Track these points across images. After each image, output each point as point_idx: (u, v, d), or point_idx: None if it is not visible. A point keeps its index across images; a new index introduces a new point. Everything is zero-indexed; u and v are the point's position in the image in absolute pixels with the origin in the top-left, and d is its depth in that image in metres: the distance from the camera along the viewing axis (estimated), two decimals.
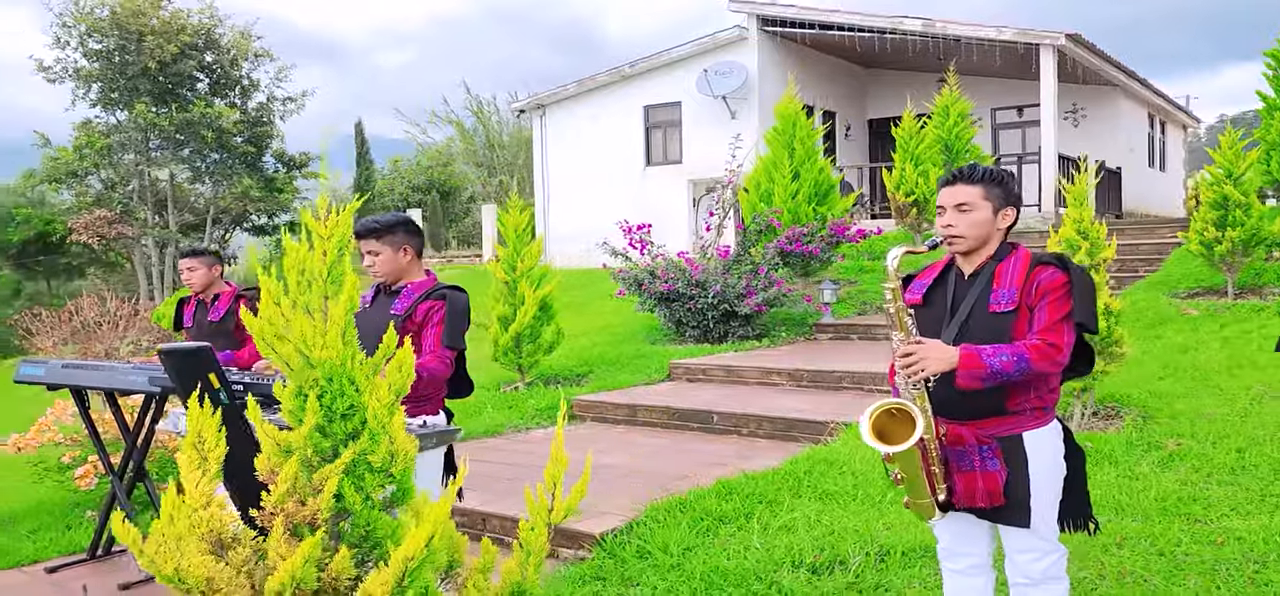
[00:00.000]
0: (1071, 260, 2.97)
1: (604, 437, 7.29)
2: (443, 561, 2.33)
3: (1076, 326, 2.86)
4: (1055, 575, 2.95)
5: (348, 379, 2.31)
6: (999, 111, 21.20)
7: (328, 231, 2.37)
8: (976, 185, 2.93)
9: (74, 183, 22.56)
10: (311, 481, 2.28)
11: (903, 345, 2.86)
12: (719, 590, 4.01)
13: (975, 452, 2.89)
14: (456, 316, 3.71)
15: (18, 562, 5.12)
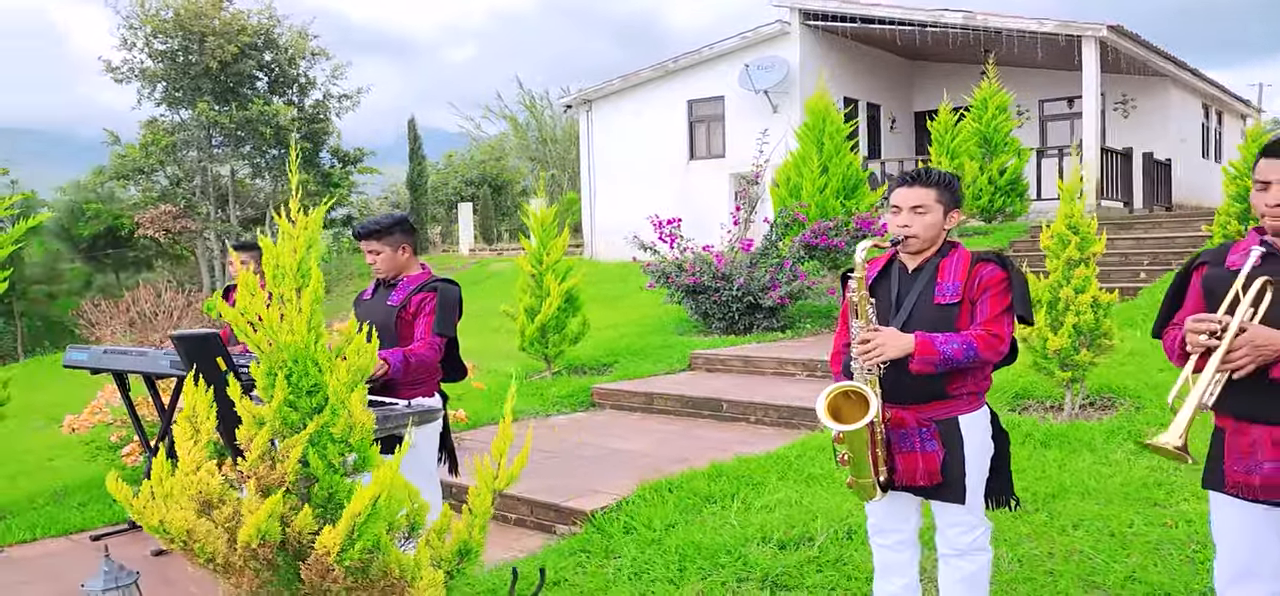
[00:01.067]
0: (1008, 257, 3.21)
1: (619, 424, 7.61)
2: (393, 518, 2.65)
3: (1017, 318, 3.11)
4: (981, 546, 3.20)
5: (312, 361, 2.65)
6: (1046, 103, 21.04)
7: (297, 232, 2.72)
8: (931, 189, 3.19)
9: (141, 179, 23.52)
10: (280, 449, 2.63)
11: (862, 332, 3.11)
12: (690, 561, 4.30)
13: (915, 434, 3.14)
14: (446, 307, 4.05)
15: (66, 531, 5.60)
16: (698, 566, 4.26)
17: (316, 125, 23.27)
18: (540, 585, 3.42)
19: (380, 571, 2.64)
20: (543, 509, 5.34)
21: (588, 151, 21.71)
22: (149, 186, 23.66)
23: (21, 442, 10.38)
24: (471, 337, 13.66)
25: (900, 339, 3.01)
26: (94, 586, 3.41)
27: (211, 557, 2.56)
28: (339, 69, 23.98)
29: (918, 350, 2.98)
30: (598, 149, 21.52)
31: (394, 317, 4.01)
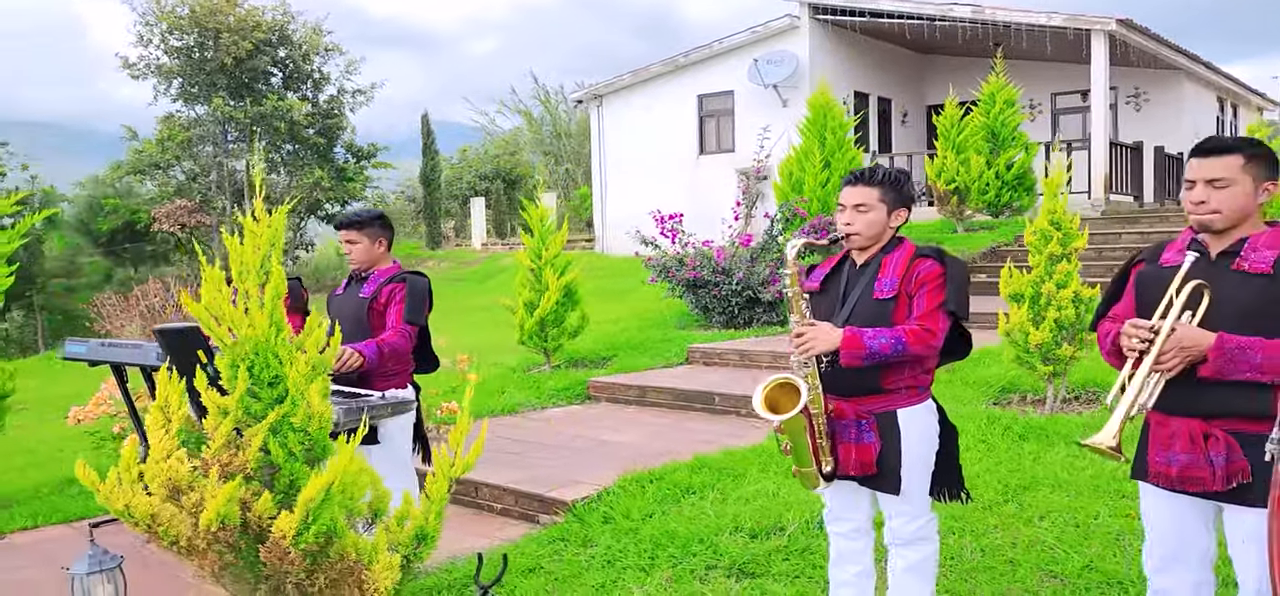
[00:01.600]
0: (948, 253, 3.30)
1: (612, 417, 7.72)
2: (350, 504, 2.77)
3: (952, 314, 3.19)
4: (925, 537, 3.29)
5: (273, 353, 2.78)
6: (1059, 96, 20.97)
7: (260, 230, 2.84)
8: (874, 188, 3.28)
9: (157, 174, 23.85)
10: (243, 437, 2.76)
11: (797, 326, 3.22)
12: (663, 550, 4.41)
13: (853, 426, 3.24)
14: (415, 297, 4.19)
15: (67, 519, 5.77)
16: (669, 554, 4.37)
17: (330, 120, 23.50)
18: (502, 571, 3.54)
19: (337, 554, 2.77)
20: (527, 498, 5.46)
21: (599, 146, 21.81)
22: (165, 181, 23.98)
23: (36, 434, 10.58)
24: (480, 331, 13.84)
25: (830, 333, 3.11)
26: (79, 569, 3.56)
27: (176, 540, 2.69)
28: (353, 65, 24.25)
29: (844, 344, 3.07)
30: (609, 144, 21.61)
31: (366, 309, 4.15)
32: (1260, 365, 2.42)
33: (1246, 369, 2.43)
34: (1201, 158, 2.66)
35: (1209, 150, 2.66)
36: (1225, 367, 2.45)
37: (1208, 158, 2.64)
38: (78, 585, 3.54)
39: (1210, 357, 2.47)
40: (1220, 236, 2.64)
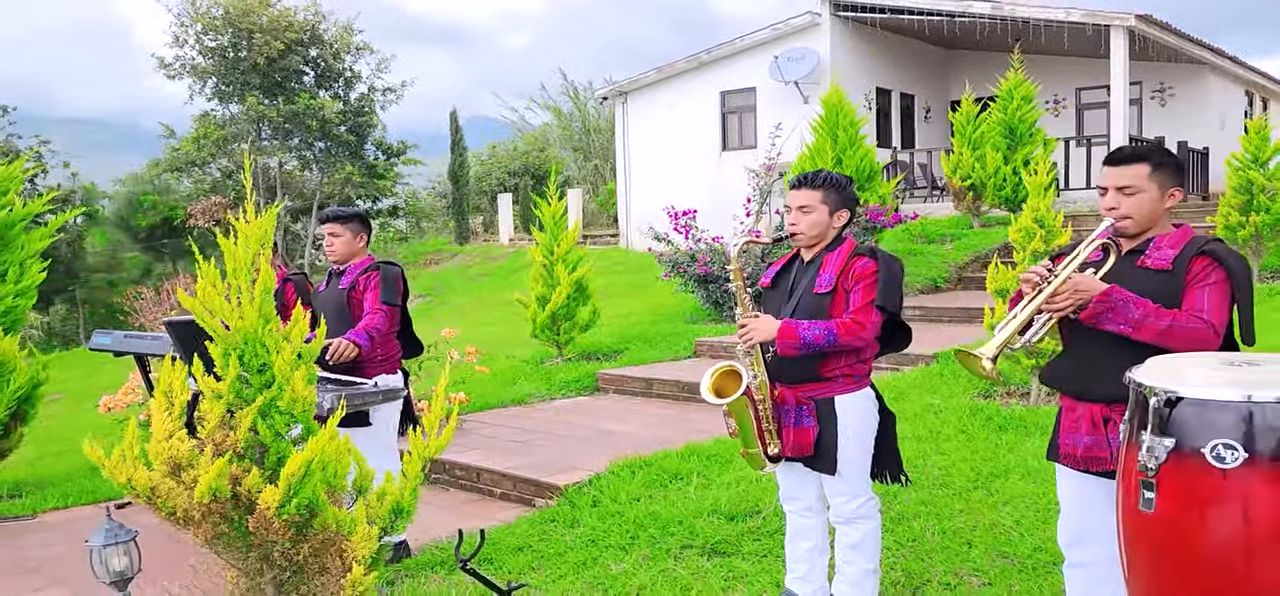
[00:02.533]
0: (884, 252, 3.53)
1: (618, 407, 7.98)
2: (331, 480, 3.05)
3: (882, 309, 3.42)
4: (865, 515, 3.53)
5: (261, 343, 3.06)
6: (1083, 91, 20.92)
7: (250, 231, 3.13)
8: (816, 190, 3.53)
9: (194, 171, 24.46)
10: (234, 418, 3.04)
11: (740, 317, 3.49)
12: (644, 530, 4.67)
13: (794, 410, 3.49)
14: (389, 281, 4.54)
15: (95, 500, 6.13)
16: (649, 534, 4.62)
17: (361, 118, 23.96)
18: (479, 546, 3.81)
19: (320, 526, 3.05)
20: (524, 483, 5.74)
21: (623, 143, 22.07)
22: (201, 178, 24.60)
23: (72, 423, 11.04)
24: (500, 325, 14.15)
25: (769, 324, 3.37)
26: (96, 541, 3.87)
27: (173, 511, 2.99)
28: (383, 63, 24.69)
29: (780, 334, 3.33)
30: (633, 140, 21.86)
31: (346, 298, 4.50)
32: (1137, 320, 2.61)
33: (1123, 321, 2.62)
34: (1111, 166, 2.87)
35: (1118, 159, 2.87)
36: (1104, 314, 2.65)
37: (1117, 166, 2.85)
38: (96, 556, 3.85)
39: (1093, 302, 2.67)
40: (1132, 237, 2.85)
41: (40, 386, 6.60)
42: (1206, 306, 2.60)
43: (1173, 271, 2.70)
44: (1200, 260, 2.68)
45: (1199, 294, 2.63)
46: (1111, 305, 2.64)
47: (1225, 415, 1.85)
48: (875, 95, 20.08)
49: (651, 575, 4.16)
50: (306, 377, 3.11)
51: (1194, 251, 2.70)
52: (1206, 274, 2.65)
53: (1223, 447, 1.83)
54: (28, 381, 6.49)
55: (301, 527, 3.01)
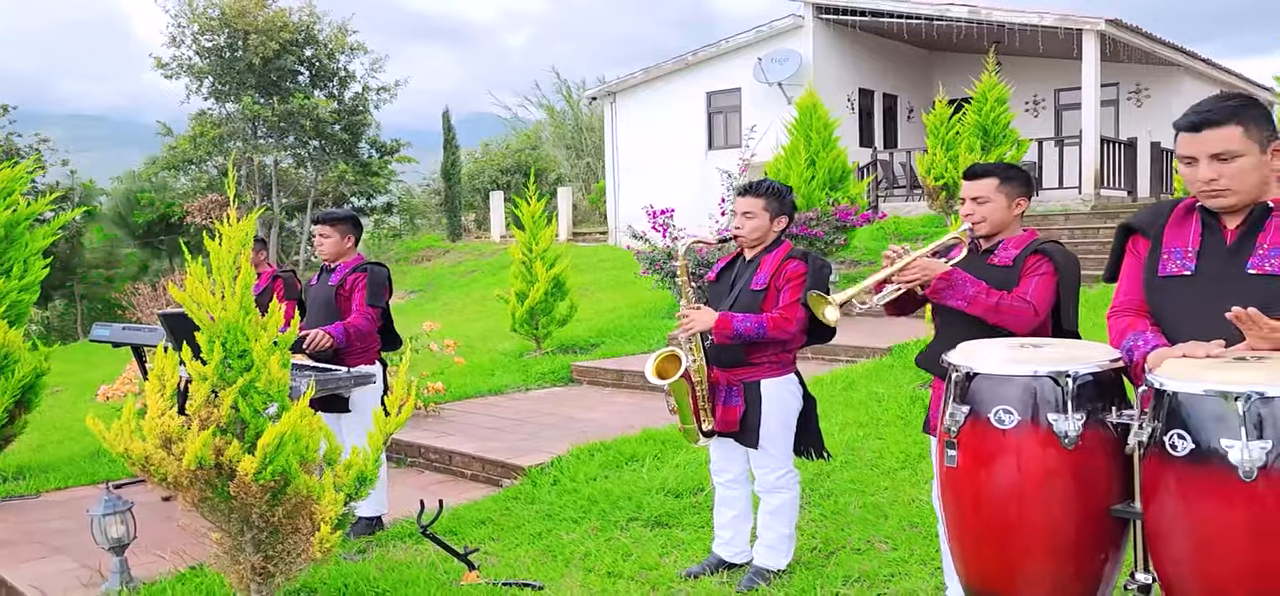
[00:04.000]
0: (814, 255, 3.99)
1: (589, 397, 8.43)
2: (302, 451, 3.49)
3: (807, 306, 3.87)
4: (785, 486, 3.98)
5: (242, 331, 3.51)
6: (1062, 92, 21.35)
7: (232, 234, 3.57)
8: (758, 198, 4.01)
9: (190, 169, 24.87)
10: (217, 397, 3.49)
11: (683, 308, 3.96)
12: (596, 505, 5.12)
13: (725, 390, 3.96)
14: (375, 284, 4.95)
15: (94, 481, 6.57)
16: (600, 509, 5.07)
17: (356, 117, 24.36)
18: (438, 514, 4.26)
19: (293, 492, 3.50)
20: (492, 465, 6.18)
21: (612, 142, 22.50)
22: (198, 176, 25.00)
23: (71, 412, 11.48)
24: (484, 320, 14.60)
25: (707, 315, 3.83)
26: (96, 511, 4.32)
27: (165, 477, 3.43)
28: (377, 63, 25.09)
29: (716, 325, 3.79)
30: (622, 139, 22.29)
31: (334, 295, 4.92)
32: (971, 297, 3.11)
33: (960, 297, 3.11)
34: (967, 180, 3.34)
35: (972, 174, 3.35)
36: (944, 290, 3.14)
37: (971, 180, 3.33)
38: (96, 524, 4.30)
39: (935, 280, 3.15)
40: (987, 237, 3.31)
41: (43, 376, 7.01)
42: (1031, 292, 3.08)
43: (1012, 266, 3.17)
44: (1034, 257, 3.15)
45: (1027, 282, 3.11)
46: (951, 283, 3.12)
47: (1007, 387, 2.29)
48: (858, 96, 20.53)
49: (598, 543, 4.61)
50: (281, 362, 3.56)
51: (1031, 250, 3.17)
52: (1037, 267, 3.13)
53: (1002, 412, 2.27)
54: (31, 371, 6.92)
55: (276, 493, 3.46)
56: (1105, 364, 2.30)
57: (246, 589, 3.61)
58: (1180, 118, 2.38)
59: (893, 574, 3.96)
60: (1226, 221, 2.38)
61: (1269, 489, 1.90)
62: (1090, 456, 2.23)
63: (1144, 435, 2.10)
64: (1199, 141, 2.33)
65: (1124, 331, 2.45)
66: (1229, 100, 2.34)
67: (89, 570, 4.57)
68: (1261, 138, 2.31)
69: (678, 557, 4.37)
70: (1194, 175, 2.35)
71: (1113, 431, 2.23)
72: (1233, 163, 2.30)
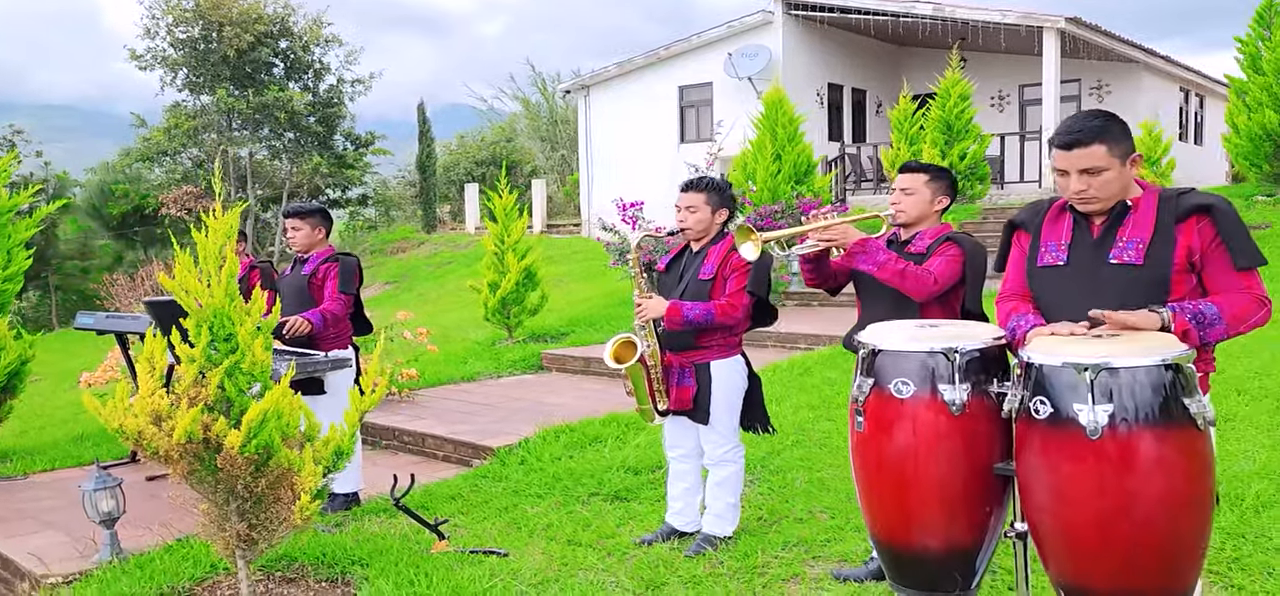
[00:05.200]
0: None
1: (558, 383, 8.75)
2: (283, 428, 3.79)
3: (753, 294, 4.20)
4: (731, 459, 4.32)
5: (227, 317, 3.80)
6: (1026, 88, 21.80)
7: (217, 226, 3.86)
8: (701, 193, 4.33)
9: (165, 160, 24.98)
10: (204, 377, 3.78)
11: (637, 297, 4.28)
12: (560, 482, 5.44)
13: (677, 372, 4.28)
14: (346, 272, 5.24)
15: (80, 463, 6.82)
16: (563, 486, 5.39)
17: (330, 109, 24.54)
18: (409, 488, 4.57)
19: (275, 464, 3.79)
20: (463, 446, 6.49)
21: (586, 135, 22.78)
22: (173, 167, 25.11)
23: (52, 401, 11.68)
24: (458, 310, 14.88)
25: (659, 304, 4.16)
26: (87, 486, 4.60)
27: (156, 451, 3.72)
28: (352, 55, 25.29)
29: (666, 313, 4.11)
30: (595, 133, 22.58)
31: (307, 283, 5.21)
32: (881, 263, 3.49)
33: (871, 263, 3.49)
34: (900, 173, 3.68)
35: (906, 168, 3.68)
36: (857, 255, 3.52)
37: (903, 174, 3.67)
38: (87, 498, 4.58)
39: (851, 245, 3.52)
40: (907, 228, 3.66)
41: (27, 363, 7.26)
42: (934, 267, 3.44)
43: (925, 253, 3.52)
44: (944, 244, 3.50)
45: (934, 260, 3.47)
46: (865, 249, 3.49)
47: (906, 361, 2.62)
48: (827, 90, 20.91)
49: (560, 516, 4.93)
50: (264, 346, 3.85)
51: (943, 239, 3.52)
52: (945, 249, 3.50)
53: (900, 383, 2.60)
54: (16, 358, 7.16)
55: (259, 465, 3.75)
56: (989, 341, 2.64)
57: (232, 555, 3.90)
58: (1053, 136, 2.72)
59: (829, 539, 4.30)
60: (1094, 218, 2.73)
61: (1112, 446, 2.25)
62: (975, 422, 2.57)
63: (1016, 402, 2.44)
64: (1070, 158, 2.67)
65: (1009, 314, 2.79)
66: (1094, 120, 2.67)
67: (81, 542, 4.84)
68: (1122, 152, 2.65)
69: (634, 527, 4.70)
70: (1066, 184, 2.70)
71: (994, 400, 2.57)
72: (1099, 176, 2.64)
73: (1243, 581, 3.52)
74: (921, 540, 2.65)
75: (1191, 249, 2.63)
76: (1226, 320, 2.54)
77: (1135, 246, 2.64)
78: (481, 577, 4.04)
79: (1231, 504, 4.22)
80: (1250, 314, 2.58)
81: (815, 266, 3.82)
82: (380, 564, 4.19)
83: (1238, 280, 2.61)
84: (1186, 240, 2.64)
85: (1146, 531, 2.26)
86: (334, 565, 4.27)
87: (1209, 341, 2.55)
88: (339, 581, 4.19)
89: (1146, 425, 2.25)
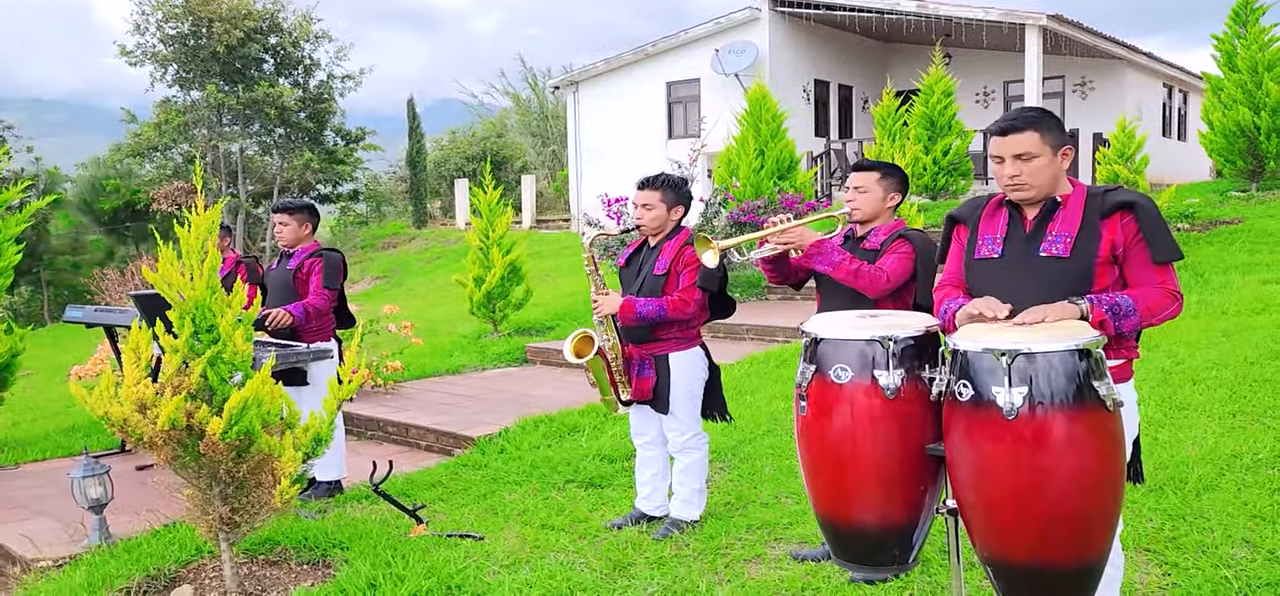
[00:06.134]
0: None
1: (540, 376, 8.91)
2: (264, 415, 3.95)
3: (705, 289, 4.37)
4: (694, 446, 4.49)
5: (209, 309, 3.95)
6: (1011, 84, 22.01)
7: (199, 222, 4.01)
8: (656, 190, 4.50)
9: (156, 156, 25.05)
10: (188, 367, 3.94)
11: (593, 294, 4.44)
12: (538, 469, 5.61)
13: (638, 364, 4.45)
14: (330, 267, 5.39)
15: (71, 453, 6.96)
16: (541, 473, 5.56)
17: (321, 105, 24.63)
18: (388, 474, 4.73)
19: (256, 450, 3.95)
20: (446, 437, 6.65)
21: (574, 131, 22.95)
22: (164, 163, 25.18)
23: (43, 394, 11.80)
24: (446, 304, 15.02)
25: (614, 300, 4.33)
26: (77, 473, 4.75)
27: (141, 437, 3.87)
28: (342, 51, 25.36)
29: (620, 310, 4.28)
30: (584, 128, 22.74)
31: (292, 278, 5.36)
32: (835, 263, 3.65)
33: (826, 263, 3.66)
34: (853, 172, 3.85)
35: (858, 167, 3.85)
36: (813, 255, 3.68)
37: (856, 172, 3.84)
38: (76, 485, 4.73)
39: (807, 247, 3.68)
40: (862, 224, 3.83)
41: (19, 356, 7.40)
42: (887, 265, 3.61)
43: (879, 249, 3.69)
44: (897, 240, 3.67)
45: (887, 257, 3.64)
46: (820, 250, 3.65)
47: (845, 349, 2.78)
48: (814, 87, 21.10)
49: (536, 502, 5.10)
50: (245, 336, 4.01)
51: (896, 235, 3.69)
52: (897, 247, 3.67)
53: (840, 369, 2.77)
54: (7, 352, 7.30)
55: (241, 451, 3.91)
56: (922, 330, 2.80)
57: (216, 537, 4.06)
58: (990, 125, 2.89)
59: (791, 523, 4.48)
60: (1027, 212, 2.91)
61: (1027, 426, 2.42)
62: (908, 405, 2.73)
63: (943, 386, 2.61)
64: (1005, 143, 2.85)
65: (943, 300, 2.97)
66: (1029, 112, 2.86)
67: (71, 528, 5.00)
68: (1054, 142, 2.83)
69: (606, 512, 4.87)
70: (1001, 171, 2.87)
71: (926, 385, 2.74)
72: (1031, 162, 2.82)
73: (1177, 559, 3.70)
74: (859, 516, 2.82)
75: (1115, 243, 2.81)
76: (1140, 312, 2.72)
77: (1063, 240, 2.82)
78: (456, 559, 4.21)
79: (1175, 487, 4.40)
80: (1163, 307, 2.76)
81: (776, 266, 3.99)
82: (360, 547, 4.35)
83: (1155, 274, 2.79)
84: (1110, 234, 2.82)
85: (1060, 505, 2.43)
86: (315, 548, 4.43)
87: (1124, 331, 2.73)
88: (319, 563, 4.35)
89: (1059, 407, 2.41)
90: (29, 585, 4.31)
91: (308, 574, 4.29)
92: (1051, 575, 2.52)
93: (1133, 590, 3.48)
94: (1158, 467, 4.67)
